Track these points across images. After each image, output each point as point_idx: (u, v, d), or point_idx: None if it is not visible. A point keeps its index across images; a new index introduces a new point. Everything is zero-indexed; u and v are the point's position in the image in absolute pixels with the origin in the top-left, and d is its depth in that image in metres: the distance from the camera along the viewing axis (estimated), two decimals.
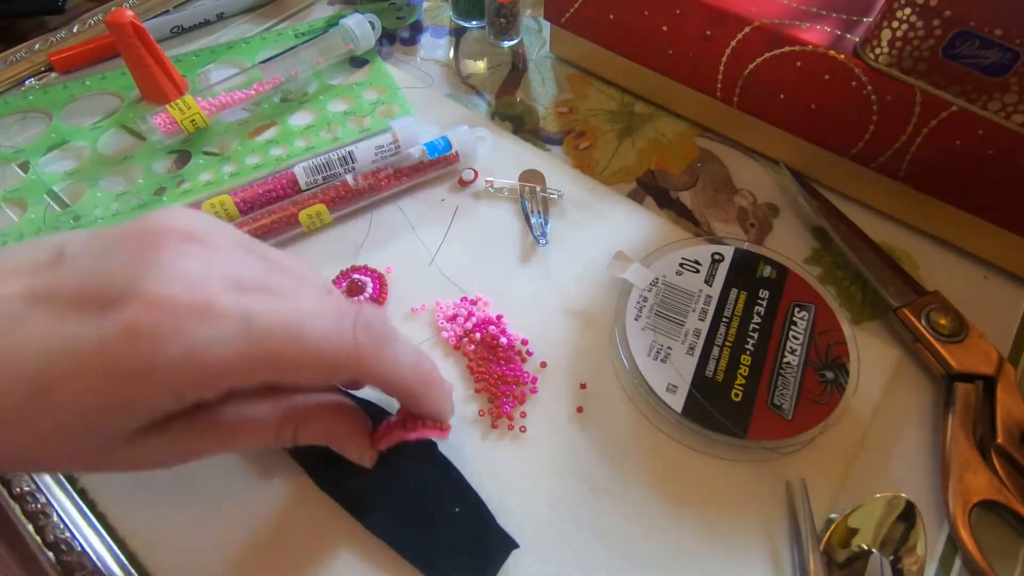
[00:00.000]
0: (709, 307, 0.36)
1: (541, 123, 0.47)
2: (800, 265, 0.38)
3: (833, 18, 0.39)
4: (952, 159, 0.37)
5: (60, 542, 0.30)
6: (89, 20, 0.52)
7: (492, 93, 0.49)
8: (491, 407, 0.34)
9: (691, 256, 0.38)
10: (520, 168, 0.44)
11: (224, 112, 0.45)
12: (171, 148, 0.44)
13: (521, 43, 0.52)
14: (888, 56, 0.36)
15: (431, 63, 0.51)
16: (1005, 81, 0.33)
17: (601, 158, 0.45)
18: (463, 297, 0.38)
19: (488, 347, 0.36)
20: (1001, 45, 0.32)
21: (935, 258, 0.41)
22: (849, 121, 0.39)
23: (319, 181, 0.41)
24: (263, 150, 0.44)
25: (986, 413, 0.33)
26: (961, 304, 0.36)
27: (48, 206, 0.42)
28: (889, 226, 0.42)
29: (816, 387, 0.34)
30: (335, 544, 0.30)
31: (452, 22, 0.54)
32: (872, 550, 0.30)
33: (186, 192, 0.42)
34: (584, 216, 0.42)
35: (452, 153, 0.42)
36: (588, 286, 0.39)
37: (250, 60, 0.50)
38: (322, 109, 0.47)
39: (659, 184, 0.44)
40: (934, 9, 0.33)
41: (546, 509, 0.31)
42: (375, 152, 0.42)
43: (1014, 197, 0.36)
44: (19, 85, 0.49)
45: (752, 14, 0.39)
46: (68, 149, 0.45)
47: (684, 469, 0.33)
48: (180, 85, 0.46)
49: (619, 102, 0.49)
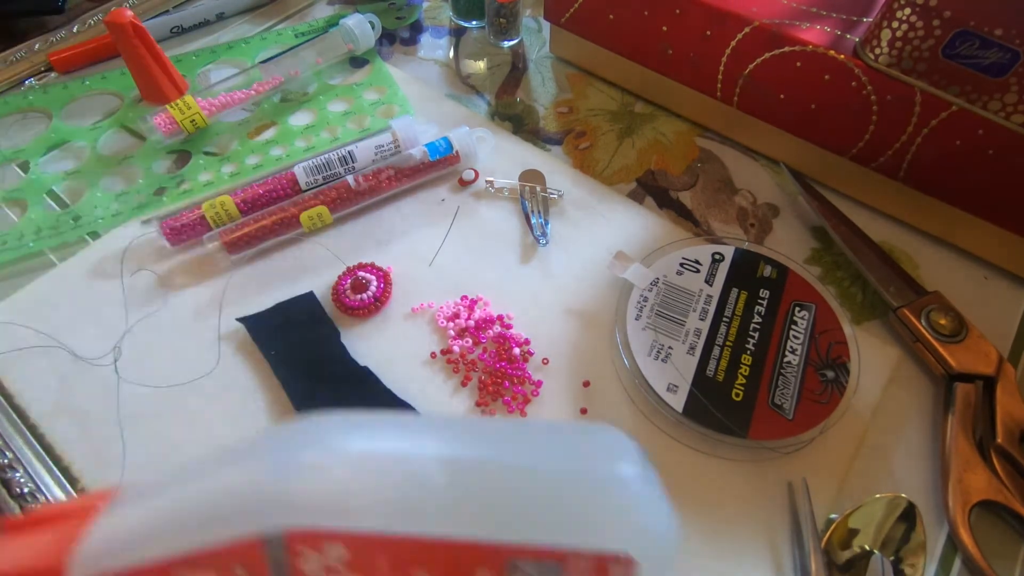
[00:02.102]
0: (710, 307, 0.36)
1: (541, 123, 0.47)
2: (800, 265, 0.38)
3: (833, 18, 0.39)
4: (952, 159, 0.37)
5: None
6: (89, 20, 0.52)
7: (492, 93, 0.49)
8: (493, 406, 0.34)
9: (691, 256, 0.38)
10: (520, 168, 0.44)
11: (224, 112, 0.45)
12: (171, 148, 0.44)
13: (521, 43, 0.52)
14: (888, 56, 0.36)
15: (431, 63, 0.51)
16: (1005, 81, 0.33)
17: (601, 158, 0.45)
18: (463, 296, 0.38)
19: (494, 345, 0.36)
20: (1001, 45, 0.32)
21: (935, 258, 0.41)
22: (849, 121, 0.39)
23: (319, 181, 0.41)
24: (263, 150, 0.44)
25: (986, 413, 0.33)
26: (961, 304, 0.36)
27: (48, 206, 0.42)
28: (889, 226, 0.42)
29: (817, 386, 0.34)
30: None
31: (452, 22, 0.54)
32: (874, 551, 0.30)
33: (186, 192, 0.42)
34: (584, 216, 0.42)
35: (453, 154, 0.42)
36: (588, 286, 0.39)
37: (250, 60, 0.50)
38: (322, 109, 0.47)
39: (659, 184, 0.44)
40: (934, 9, 0.33)
41: None
42: (375, 152, 0.42)
43: (1014, 197, 0.36)
44: (19, 85, 0.48)
45: (752, 14, 0.39)
46: (68, 149, 0.45)
47: (685, 469, 0.33)
48: (180, 85, 0.46)
49: (619, 102, 0.49)
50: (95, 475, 0.32)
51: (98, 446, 0.33)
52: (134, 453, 0.33)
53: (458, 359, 0.36)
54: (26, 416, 0.34)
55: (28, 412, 0.34)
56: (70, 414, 0.34)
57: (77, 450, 0.33)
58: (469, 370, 0.35)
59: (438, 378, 0.35)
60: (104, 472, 0.32)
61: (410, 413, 0.33)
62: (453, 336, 0.36)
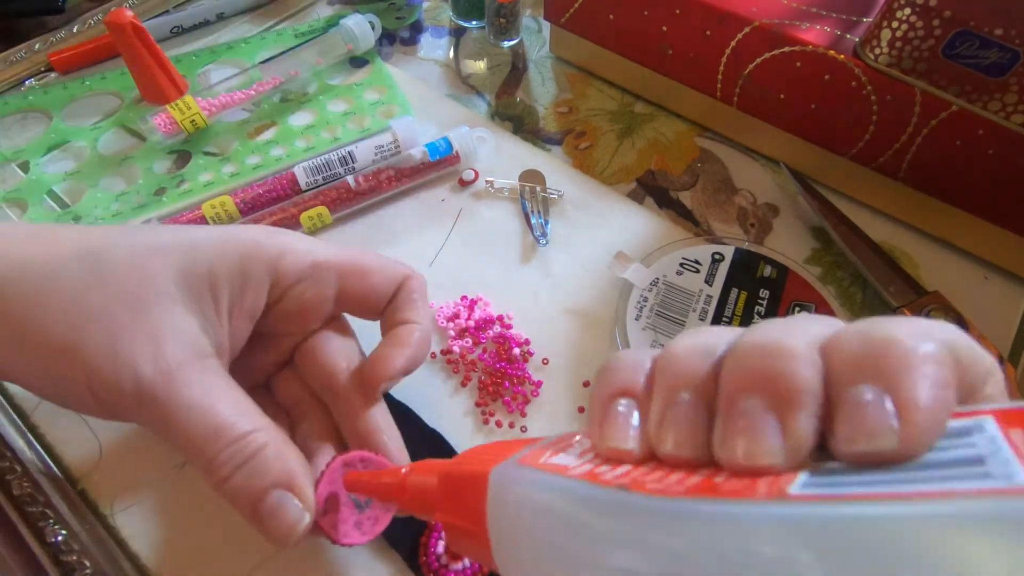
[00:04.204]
0: (709, 307, 0.36)
1: (541, 123, 0.47)
2: (800, 265, 0.38)
3: (833, 18, 0.39)
4: (952, 159, 0.37)
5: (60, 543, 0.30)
6: (89, 20, 0.52)
7: (492, 93, 0.49)
8: (493, 406, 0.34)
9: (691, 256, 0.38)
10: (520, 168, 0.44)
11: (224, 112, 0.45)
12: (171, 148, 0.44)
13: (521, 43, 0.52)
14: (888, 56, 0.36)
15: (431, 63, 0.51)
16: (1005, 81, 0.33)
17: (601, 158, 0.45)
18: (463, 296, 0.38)
19: (494, 345, 0.36)
20: (1001, 45, 0.32)
21: (935, 258, 0.41)
22: (849, 121, 0.39)
23: (319, 181, 0.41)
24: (263, 150, 0.44)
25: None
26: (961, 304, 0.36)
27: (48, 206, 0.42)
28: (889, 226, 0.42)
29: None
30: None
31: (452, 22, 0.54)
32: None
33: (186, 192, 0.42)
34: (584, 216, 0.42)
35: (453, 154, 0.42)
36: (588, 286, 0.39)
37: (250, 60, 0.50)
38: (322, 109, 0.47)
39: (659, 184, 0.44)
40: (934, 9, 0.33)
41: None
42: (375, 152, 0.42)
43: (1014, 197, 0.36)
44: (19, 85, 0.48)
45: (752, 14, 0.39)
46: (68, 149, 0.45)
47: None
48: (180, 85, 0.46)
49: (619, 102, 0.49)
50: (95, 475, 0.32)
51: (99, 446, 0.33)
52: (135, 452, 0.33)
53: (458, 359, 0.36)
54: (26, 416, 0.34)
55: (28, 412, 0.34)
56: (70, 414, 0.34)
57: (77, 450, 0.33)
58: (469, 370, 0.35)
59: (438, 378, 0.35)
60: (105, 472, 0.32)
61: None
62: (453, 336, 0.36)
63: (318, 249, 0.29)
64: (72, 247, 0.25)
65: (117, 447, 0.33)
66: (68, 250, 0.25)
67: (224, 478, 0.24)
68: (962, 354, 0.13)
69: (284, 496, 0.24)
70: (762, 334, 0.15)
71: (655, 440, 0.15)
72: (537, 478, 0.16)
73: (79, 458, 0.33)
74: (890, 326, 0.14)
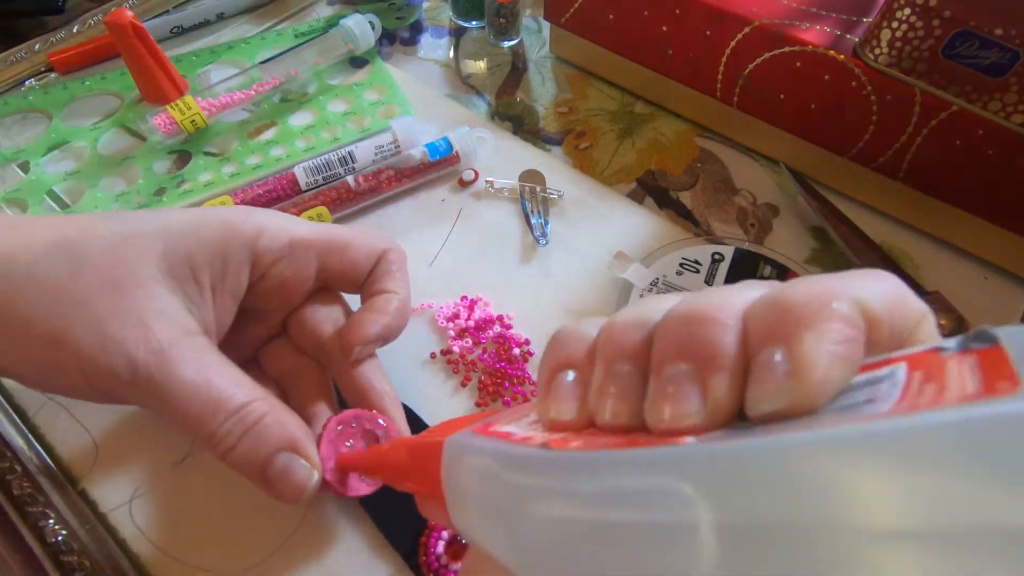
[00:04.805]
0: None
1: (541, 123, 0.47)
2: (800, 265, 0.38)
3: (833, 18, 0.39)
4: (952, 159, 0.37)
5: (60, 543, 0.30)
6: (89, 20, 0.52)
7: (492, 93, 0.49)
8: (493, 406, 0.34)
9: (691, 256, 0.38)
10: (520, 168, 0.44)
11: (224, 112, 0.45)
12: (171, 148, 0.44)
13: (521, 43, 0.52)
14: (888, 56, 0.36)
15: (431, 63, 0.51)
16: (1005, 81, 0.33)
17: (601, 158, 0.45)
18: (463, 296, 0.38)
19: (494, 345, 0.36)
20: (1001, 45, 0.32)
21: (935, 258, 0.41)
22: (849, 121, 0.39)
23: (319, 181, 0.41)
24: (263, 150, 0.44)
25: None
26: (961, 304, 0.36)
27: (48, 206, 0.42)
28: (889, 226, 0.42)
29: None
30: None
31: (452, 22, 0.54)
32: None
33: (186, 192, 0.42)
34: (584, 216, 0.42)
35: (453, 154, 0.42)
36: (588, 286, 0.39)
37: (250, 60, 0.50)
38: (322, 109, 0.47)
39: (659, 184, 0.44)
40: (934, 9, 0.33)
41: None
42: (375, 152, 0.42)
43: (1014, 197, 0.36)
44: (19, 85, 0.48)
45: (752, 14, 0.39)
46: (68, 149, 0.45)
47: None
48: (180, 85, 0.46)
49: (619, 102, 0.49)
50: (96, 475, 0.32)
51: (99, 446, 0.33)
52: (135, 453, 0.33)
53: (458, 359, 0.36)
54: (26, 416, 0.34)
55: (28, 412, 0.34)
56: (70, 414, 0.34)
57: (77, 450, 0.33)
58: (469, 370, 0.35)
59: (438, 378, 0.35)
60: (105, 472, 0.32)
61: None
62: (453, 336, 0.36)
63: (295, 227, 0.29)
64: (49, 238, 0.25)
65: (118, 447, 0.33)
66: (45, 241, 0.25)
67: (229, 448, 0.25)
68: (878, 307, 0.14)
69: (291, 458, 0.25)
70: (690, 303, 0.15)
71: (594, 410, 0.16)
72: (481, 444, 0.17)
73: (79, 458, 0.33)
74: (795, 287, 0.14)
